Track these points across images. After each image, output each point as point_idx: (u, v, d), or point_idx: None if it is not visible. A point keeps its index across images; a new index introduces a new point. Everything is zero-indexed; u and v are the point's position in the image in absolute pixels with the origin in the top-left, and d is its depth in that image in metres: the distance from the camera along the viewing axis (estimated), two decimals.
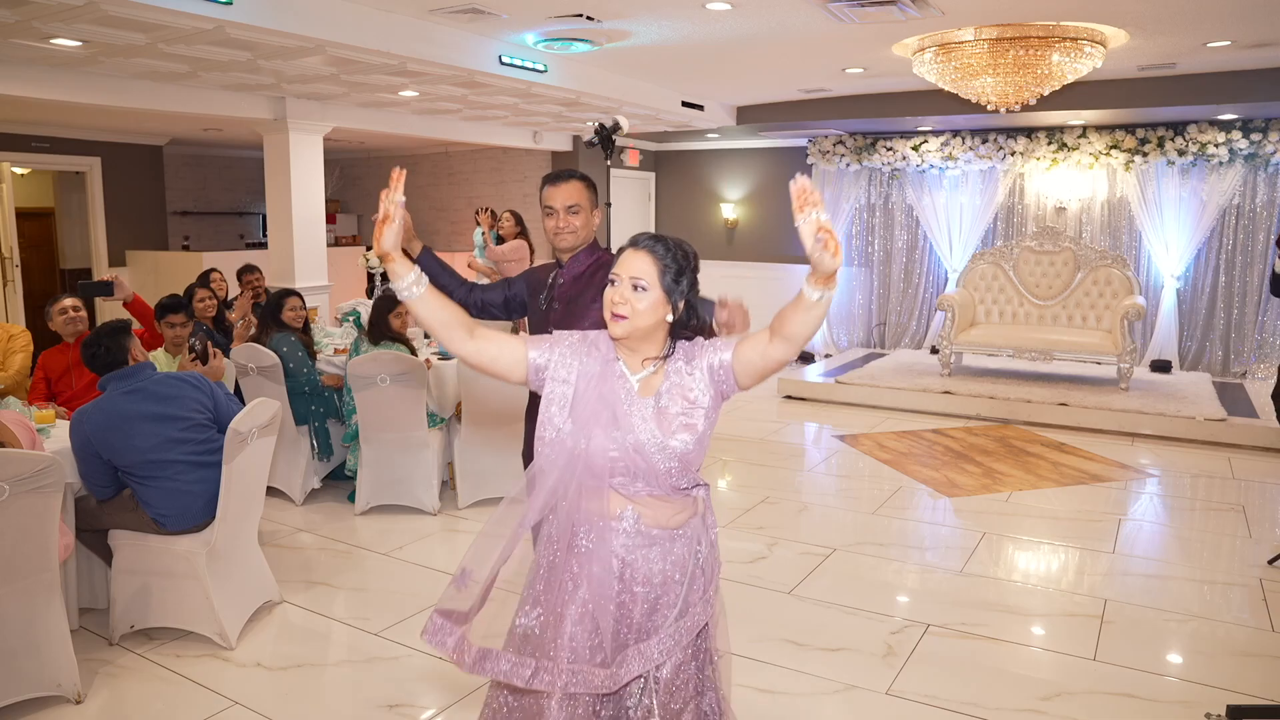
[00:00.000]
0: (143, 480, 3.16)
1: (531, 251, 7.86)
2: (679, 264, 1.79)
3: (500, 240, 7.57)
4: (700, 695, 1.89)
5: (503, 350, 1.84)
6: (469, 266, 7.52)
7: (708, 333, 1.89)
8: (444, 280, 2.74)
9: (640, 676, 1.79)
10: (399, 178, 1.78)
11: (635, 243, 1.80)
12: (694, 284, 1.84)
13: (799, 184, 1.53)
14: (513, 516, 1.78)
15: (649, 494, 1.79)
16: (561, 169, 2.71)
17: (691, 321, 1.85)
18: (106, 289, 4.02)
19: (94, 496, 3.24)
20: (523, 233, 7.91)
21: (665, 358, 1.83)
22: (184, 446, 3.20)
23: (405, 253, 2.44)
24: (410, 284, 1.77)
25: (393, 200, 1.74)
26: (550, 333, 2.31)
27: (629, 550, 1.80)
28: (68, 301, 4.50)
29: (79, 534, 3.27)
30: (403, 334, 4.75)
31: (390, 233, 1.73)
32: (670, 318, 1.80)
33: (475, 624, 1.78)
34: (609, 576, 1.78)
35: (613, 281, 1.78)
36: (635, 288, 1.75)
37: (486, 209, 7.75)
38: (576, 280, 2.64)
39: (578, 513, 1.77)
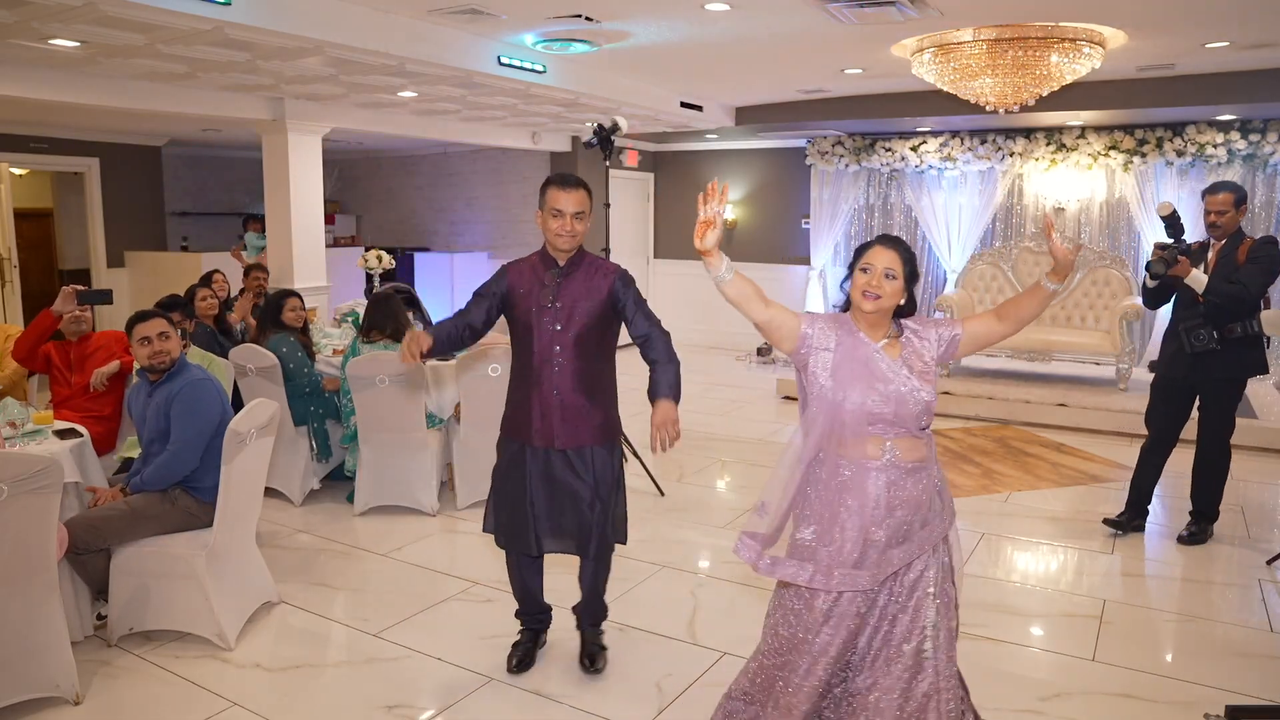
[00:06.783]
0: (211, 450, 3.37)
1: None
2: (912, 265, 2.18)
3: None
4: (947, 609, 2.21)
5: (785, 321, 2.22)
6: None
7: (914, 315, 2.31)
8: (455, 334, 2.89)
9: (892, 576, 2.18)
10: (718, 189, 2.12)
11: (884, 241, 2.18)
12: (917, 279, 2.24)
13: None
14: (792, 456, 2.20)
15: (901, 435, 2.16)
16: (569, 173, 2.93)
17: (908, 309, 2.26)
18: (106, 297, 4.19)
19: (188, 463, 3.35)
20: None
21: (899, 334, 2.22)
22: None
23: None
24: (723, 272, 2.17)
25: (714, 209, 2.11)
26: (554, 327, 2.88)
27: (890, 480, 2.15)
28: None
29: (79, 554, 3.18)
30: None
31: (712, 235, 2.11)
32: (902, 302, 2.18)
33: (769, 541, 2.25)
34: (868, 500, 2.13)
35: (865, 270, 2.15)
36: (887, 275, 2.13)
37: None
38: (577, 279, 2.90)
39: (841, 452, 2.16)
